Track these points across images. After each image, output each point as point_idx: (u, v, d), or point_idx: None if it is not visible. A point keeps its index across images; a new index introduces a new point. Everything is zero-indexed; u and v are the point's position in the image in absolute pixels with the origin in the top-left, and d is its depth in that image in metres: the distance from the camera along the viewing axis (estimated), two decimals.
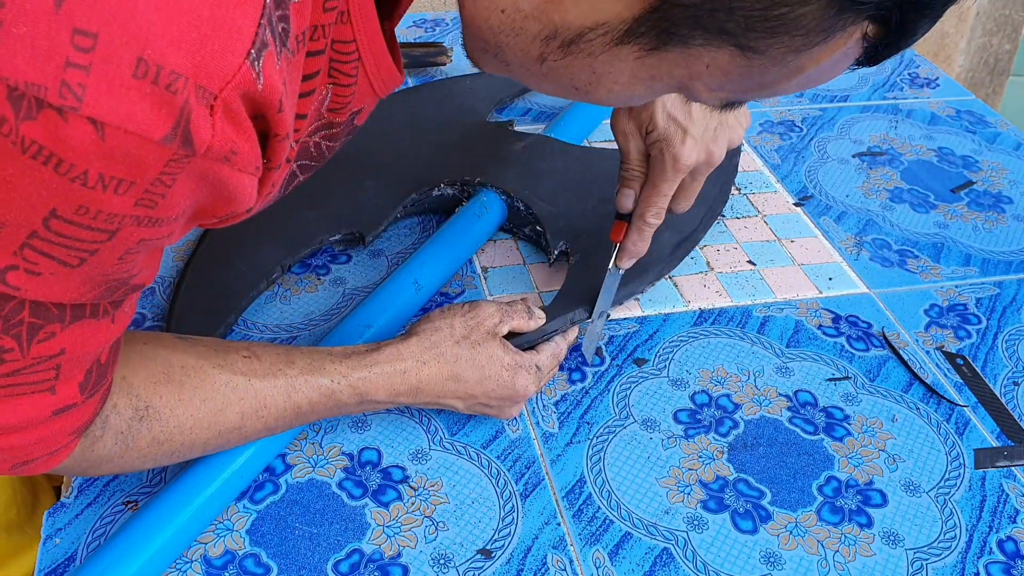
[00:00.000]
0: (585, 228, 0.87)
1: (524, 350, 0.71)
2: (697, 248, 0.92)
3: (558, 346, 0.74)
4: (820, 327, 0.84)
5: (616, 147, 0.76)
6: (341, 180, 0.91)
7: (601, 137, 1.07)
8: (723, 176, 0.97)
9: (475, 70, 1.20)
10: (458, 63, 1.21)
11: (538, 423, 0.73)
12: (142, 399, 0.57)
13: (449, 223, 0.88)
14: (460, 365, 0.67)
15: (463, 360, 0.68)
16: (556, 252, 0.85)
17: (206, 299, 0.80)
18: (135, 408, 0.57)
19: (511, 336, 0.72)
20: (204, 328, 0.77)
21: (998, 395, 0.78)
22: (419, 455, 0.70)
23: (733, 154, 1.00)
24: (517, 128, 1.05)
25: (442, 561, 0.63)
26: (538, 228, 0.89)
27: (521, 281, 0.87)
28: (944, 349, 0.82)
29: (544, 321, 0.74)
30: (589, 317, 0.78)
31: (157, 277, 0.84)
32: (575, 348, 0.79)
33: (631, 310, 0.84)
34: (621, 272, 0.78)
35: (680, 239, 0.89)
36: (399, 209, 0.90)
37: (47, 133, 0.35)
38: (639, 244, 0.77)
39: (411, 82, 1.15)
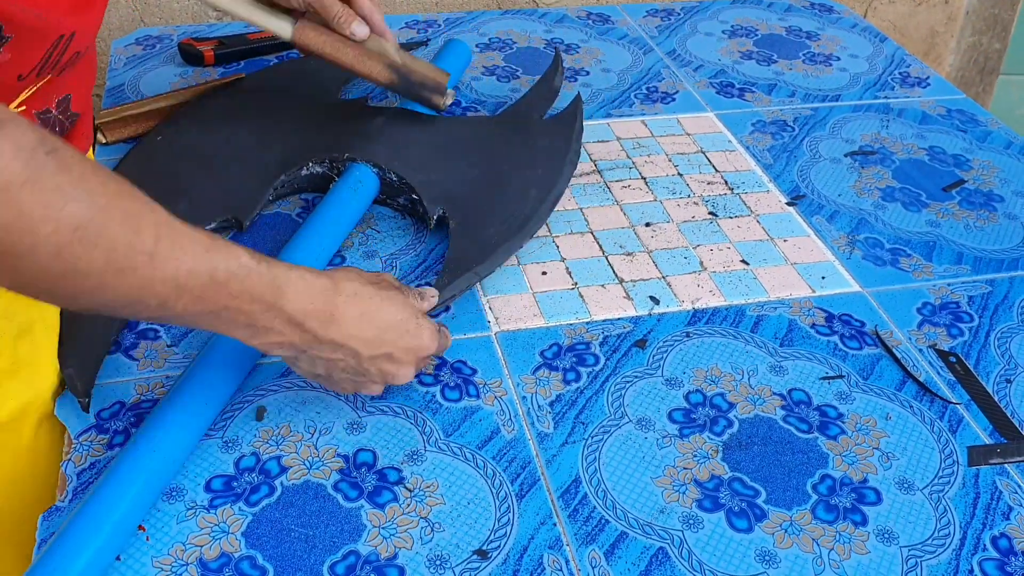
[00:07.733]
0: (459, 192, 0.90)
1: None
2: (690, 248, 0.92)
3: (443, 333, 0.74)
4: (814, 326, 0.84)
5: (471, 115, 0.78)
6: (204, 168, 0.93)
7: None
8: (565, 129, 1.00)
9: None
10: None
11: (533, 423, 0.74)
12: (48, 139, 0.48)
13: (328, 198, 0.89)
14: (374, 303, 0.66)
15: (377, 300, 0.66)
16: (435, 218, 0.87)
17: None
18: (40, 139, 0.48)
19: None
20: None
21: (991, 392, 0.78)
22: (414, 456, 0.70)
23: (575, 111, 1.02)
24: (372, 104, 1.06)
25: (438, 562, 0.63)
26: (413, 196, 0.90)
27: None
28: (937, 347, 0.83)
29: (436, 300, 0.74)
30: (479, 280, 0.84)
31: None
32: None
33: (624, 310, 0.84)
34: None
35: (545, 193, 0.91)
36: (270, 191, 0.91)
37: None
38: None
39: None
